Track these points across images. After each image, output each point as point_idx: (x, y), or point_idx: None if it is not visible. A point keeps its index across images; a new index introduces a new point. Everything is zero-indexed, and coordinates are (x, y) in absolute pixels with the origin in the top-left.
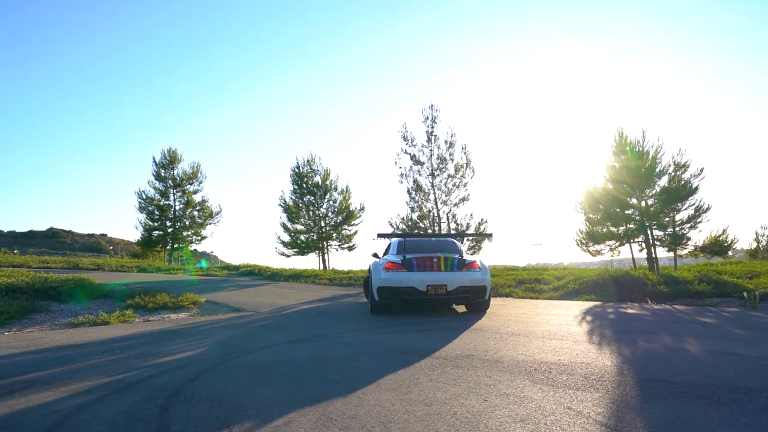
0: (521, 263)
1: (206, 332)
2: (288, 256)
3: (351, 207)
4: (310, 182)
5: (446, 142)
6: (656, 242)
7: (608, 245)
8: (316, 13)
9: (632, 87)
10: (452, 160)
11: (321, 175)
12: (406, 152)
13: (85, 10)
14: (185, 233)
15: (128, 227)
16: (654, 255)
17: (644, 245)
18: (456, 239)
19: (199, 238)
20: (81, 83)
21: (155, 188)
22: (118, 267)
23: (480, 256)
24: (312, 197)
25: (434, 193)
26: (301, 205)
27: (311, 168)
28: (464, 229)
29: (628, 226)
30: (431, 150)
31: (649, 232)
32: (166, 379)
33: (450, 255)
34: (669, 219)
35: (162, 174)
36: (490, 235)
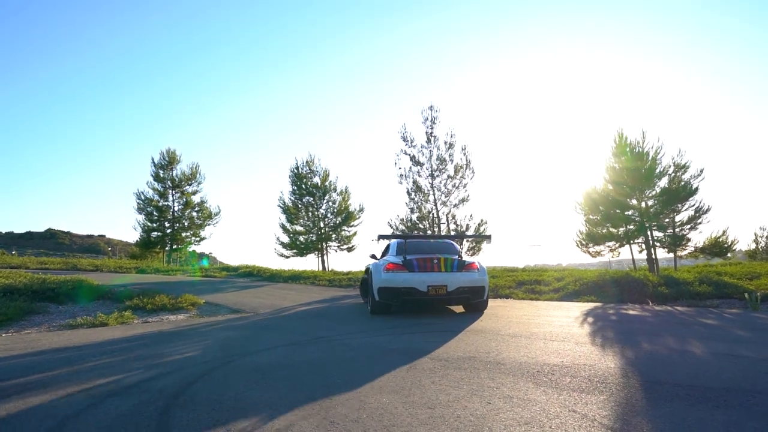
0: (520, 264)
1: (206, 334)
2: (287, 257)
3: (350, 208)
4: (310, 183)
5: (446, 143)
6: (656, 243)
7: (608, 246)
8: (316, 15)
9: (632, 88)
10: (452, 161)
11: (320, 176)
12: (406, 153)
13: (85, 12)
14: (184, 234)
15: (127, 228)
16: (654, 256)
17: (644, 246)
18: (454, 241)
19: (198, 239)
20: (80, 84)
21: (154, 189)
22: (117, 268)
23: (478, 258)
24: (311, 198)
25: (434, 194)
26: (301, 206)
27: (310, 169)
28: (464, 230)
29: (628, 227)
30: (431, 151)
31: (649, 233)
32: (166, 382)
33: (450, 256)
34: (669, 220)
35: (161, 175)
36: (489, 237)
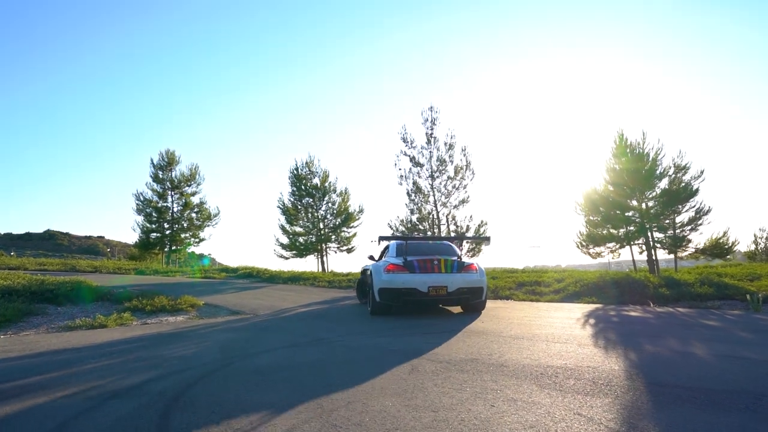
0: (520, 265)
1: (205, 335)
2: (287, 259)
3: (350, 209)
4: (309, 184)
5: (446, 144)
6: (657, 244)
7: (608, 247)
8: (317, 17)
9: (632, 89)
10: (452, 162)
11: (320, 177)
12: (406, 154)
13: (85, 14)
14: (183, 235)
15: (126, 229)
16: (654, 257)
17: (644, 247)
18: (453, 242)
19: (197, 240)
20: (80, 86)
21: (153, 190)
22: (116, 269)
23: (477, 259)
24: (311, 199)
25: (434, 195)
26: (300, 207)
27: (310, 170)
28: (464, 232)
29: (629, 229)
30: (431, 152)
31: (650, 235)
32: (165, 384)
33: (449, 257)
34: (669, 221)
35: (160, 176)
36: (488, 239)
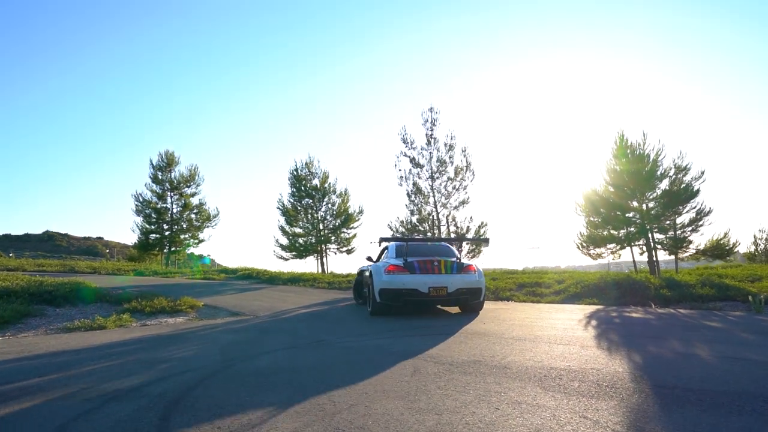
0: (519, 266)
1: (205, 337)
2: (286, 260)
3: (350, 210)
4: (309, 185)
5: (446, 145)
6: (657, 245)
7: (609, 248)
8: (317, 18)
9: (632, 90)
10: (452, 163)
11: (320, 178)
12: (406, 155)
13: (85, 16)
14: (182, 236)
15: (125, 230)
16: (655, 258)
17: (645, 248)
18: (452, 243)
19: (197, 241)
20: (79, 87)
21: (152, 191)
22: (115, 270)
23: (477, 260)
24: (310, 200)
25: (434, 196)
26: (300, 208)
27: (310, 171)
28: (464, 233)
29: (629, 230)
30: (431, 153)
31: (650, 236)
32: (165, 387)
33: (449, 258)
34: (670, 222)
35: (159, 177)
36: (487, 240)
